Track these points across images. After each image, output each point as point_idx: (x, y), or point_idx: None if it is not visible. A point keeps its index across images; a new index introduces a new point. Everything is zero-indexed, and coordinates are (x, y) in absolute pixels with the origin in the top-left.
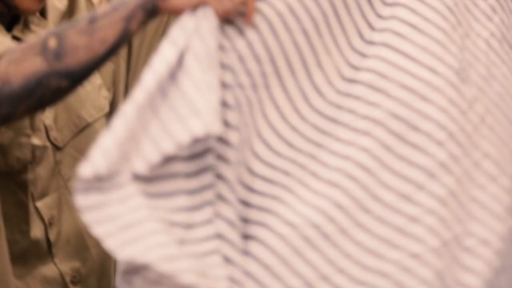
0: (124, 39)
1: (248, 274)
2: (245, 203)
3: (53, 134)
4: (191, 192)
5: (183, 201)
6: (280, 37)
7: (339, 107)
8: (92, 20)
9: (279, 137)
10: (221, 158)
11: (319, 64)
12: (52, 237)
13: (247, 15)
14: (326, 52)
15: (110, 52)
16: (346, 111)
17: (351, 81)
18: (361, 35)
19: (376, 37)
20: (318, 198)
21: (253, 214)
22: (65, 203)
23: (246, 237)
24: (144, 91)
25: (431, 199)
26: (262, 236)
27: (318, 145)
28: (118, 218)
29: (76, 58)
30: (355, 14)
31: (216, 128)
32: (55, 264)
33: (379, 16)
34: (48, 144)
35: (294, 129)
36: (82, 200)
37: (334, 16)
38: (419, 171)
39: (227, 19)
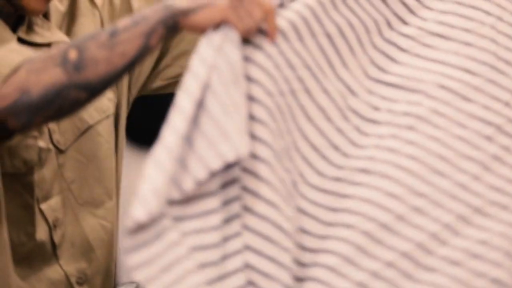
0: (144, 54)
1: (314, 279)
2: (303, 212)
3: (56, 137)
4: (219, 208)
5: (212, 220)
6: (306, 42)
7: (376, 108)
8: (113, 34)
9: (326, 140)
10: (247, 171)
11: (345, 64)
12: (56, 239)
13: (269, 32)
14: (350, 52)
15: (129, 66)
16: (385, 111)
17: (380, 81)
18: (380, 33)
19: (402, 42)
20: (369, 192)
21: (311, 226)
22: (69, 206)
23: (311, 250)
24: (184, 118)
25: (489, 190)
26: (324, 246)
27: (361, 146)
28: (158, 258)
29: (95, 71)
30: (373, 12)
31: (244, 150)
32: (60, 266)
33: (399, 17)
34: (51, 146)
35: (339, 130)
36: (127, 243)
37: (355, 18)
38: (473, 163)
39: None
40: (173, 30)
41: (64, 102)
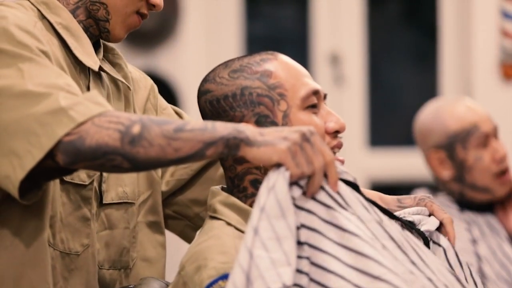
0: (195, 159)
1: None
2: None
3: (105, 186)
4: None
5: None
6: None
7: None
8: (178, 129)
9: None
10: None
11: None
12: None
13: (331, 181)
14: None
15: (177, 162)
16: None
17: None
18: None
19: None
20: None
21: None
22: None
23: None
24: (239, 265)
25: None
26: None
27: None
28: None
29: (146, 151)
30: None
31: (285, 280)
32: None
33: None
34: (98, 190)
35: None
36: None
37: None
38: None
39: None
40: (232, 152)
41: (107, 162)
